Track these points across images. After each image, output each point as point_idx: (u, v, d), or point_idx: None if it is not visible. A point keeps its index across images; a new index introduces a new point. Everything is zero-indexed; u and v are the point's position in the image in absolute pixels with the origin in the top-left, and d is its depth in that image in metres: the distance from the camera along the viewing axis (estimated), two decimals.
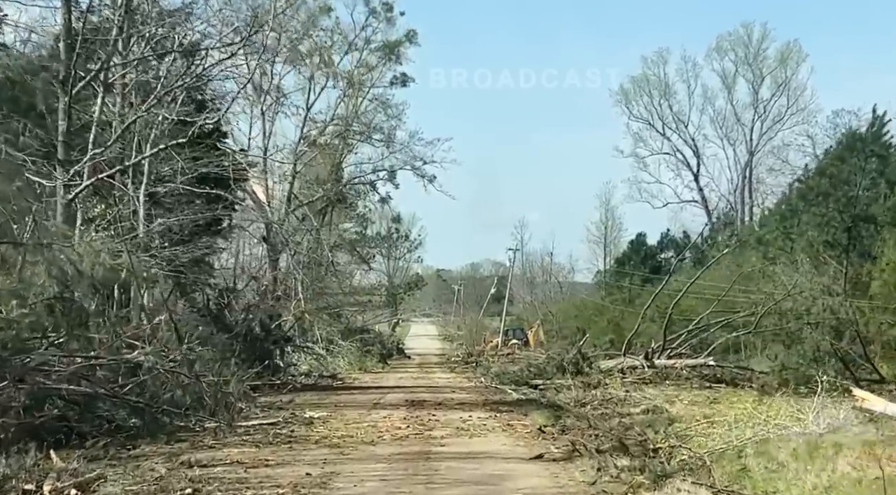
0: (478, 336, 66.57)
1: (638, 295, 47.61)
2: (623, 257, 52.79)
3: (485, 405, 18.60)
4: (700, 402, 22.37)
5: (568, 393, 25.57)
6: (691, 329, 29.70)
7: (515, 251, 66.77)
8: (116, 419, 12.97)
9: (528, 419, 15.95)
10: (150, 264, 19.26)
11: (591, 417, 19.29)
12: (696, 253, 46.40)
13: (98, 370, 12.64)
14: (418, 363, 53.03)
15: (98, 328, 13.96)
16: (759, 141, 56.65)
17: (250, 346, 23.00)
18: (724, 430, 14.72)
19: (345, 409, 17.30)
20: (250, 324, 23.05)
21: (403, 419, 15.38)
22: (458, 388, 24.65)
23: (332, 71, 38.72)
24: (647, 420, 18.93)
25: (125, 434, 12.70)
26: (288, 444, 12.16)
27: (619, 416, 19.88)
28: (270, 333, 24.10)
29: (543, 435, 13.27)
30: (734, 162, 57.62)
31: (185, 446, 12.16)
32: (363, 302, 56.45)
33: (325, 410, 16.98)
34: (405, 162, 42.59)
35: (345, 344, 42.54)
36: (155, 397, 13.17)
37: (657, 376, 27.57)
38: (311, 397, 20.86)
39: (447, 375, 33.88)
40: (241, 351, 22.72)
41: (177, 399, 13.51)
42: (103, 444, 12.09)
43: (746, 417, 14.76)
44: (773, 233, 33.03)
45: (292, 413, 16.13)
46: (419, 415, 15.98)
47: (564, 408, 19.28)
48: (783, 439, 13.30)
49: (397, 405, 18.45)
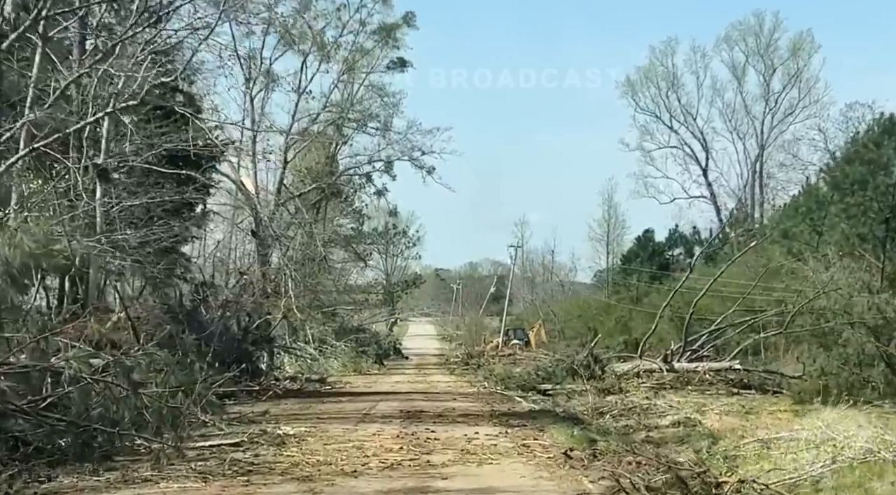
0: (477, 336, 63.68)
1: (646, 293, 44.75)
2: (630, 254, 49.88)
3: (492, 417, 15.77)
4: (733, 412, 19.57)
5: (581, 399, 22.87)
6: (713, 329, 26.86)
7: (517, 248, 63.80)
8: (33, 440, 10.19)
9: (545, 436, 13.14)
10: (106, 252, 16.41)
11: (617, 432, 16.58)
12: (708, 249, 43.55)
13: (2, 379, 9.79)
14: (416, 364, 50.37)
15: (18, 326, 11.12)
16: (769, 135, 53.97)
17: (226, 347, 20.17)
18: (784, 452, 11.96)
19: (328, 422, 14.48)
20: (226, 323, 20.22)
21: (396, 437, 12.55)
22: (459, 395, 21.83)
23: (324, 53, 35.90)
24: (678, 434, 16.14)
25: (45, 459, 9.94)
26: (245, 476, 9.32)
27: (646, 429, 17.12)
28: (249, 333, 21.26)
29: (570, 460, 10.42)
30: (744, 156, 54.85)
31: (116, 477, 9.36)
32: (359, 300, 53.60)
33: (304, 424, 14.16)
34: (403, 152, 39.74)
35: (339, 344, 39.80)
36: (82, 413, 10.34)
37: (678, 381, 24.79)
38: (291, 406, 18.03)
39: (447, 378, 31.05)
40: (216, 352, 19.89)
41: (113, 415, 10.67)
42: (9, 475, 9.33)
43: (814, 437, 11.88)
44: (798, 226, 30.23)
45: (263, 429, 13.29)
46: (415, 432, 13.15)
47: (584, 421, 16.48)
48: (869, 464, 10.55)
49: (390, 417, 15.62)
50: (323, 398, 20.33)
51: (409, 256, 69.45)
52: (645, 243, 48.34)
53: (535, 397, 23.24)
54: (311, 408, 17.42)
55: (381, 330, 66.05)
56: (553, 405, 19.94)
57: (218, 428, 13.44)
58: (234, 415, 15.28)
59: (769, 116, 54.39)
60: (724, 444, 13.53)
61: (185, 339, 17.95)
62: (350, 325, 47.83)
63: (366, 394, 21.69)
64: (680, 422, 17.26)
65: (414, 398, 20.20)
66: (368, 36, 37.48)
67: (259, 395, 19.60)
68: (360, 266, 56.00)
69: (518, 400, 20.16)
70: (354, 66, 37.98)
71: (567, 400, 23.15)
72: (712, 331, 26.84)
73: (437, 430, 13.33)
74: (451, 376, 34.08)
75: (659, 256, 47.60)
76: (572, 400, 22.98)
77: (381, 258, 71.84)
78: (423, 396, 20.80)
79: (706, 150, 55.41)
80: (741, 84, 54.97)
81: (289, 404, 18.47)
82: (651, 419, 18.47)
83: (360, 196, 46.60)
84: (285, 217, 40.41)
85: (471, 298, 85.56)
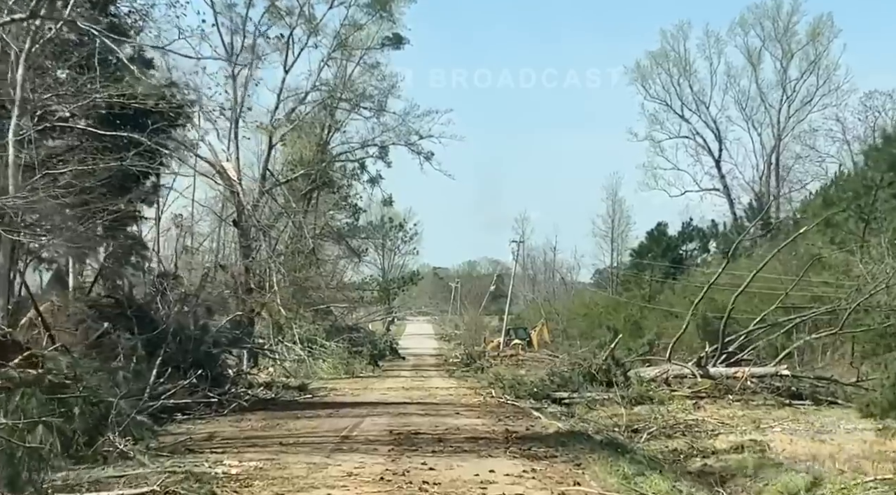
0: (477, 336, 59.80)
1: (660, 290, 40.90)
2: (641, 248, 45.94)
3: (509, 442, 11.89)
4: (801, 430, 15.75)
5: (605, 410, 19.09)
6: (751, 329, 22.99)
7: (519, 243, 59.79)
8: None
9: (586, 474, 9.34)
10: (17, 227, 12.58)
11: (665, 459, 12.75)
12: (726, 243, 39.71)
13: None
14: (413, 364, 46.72)
15: None
16: (786, 124, 50.11)
17: (181, 350, 16.32)
18: None
19: (292, 452, 10.63)
20: (181, 321, 16.37)
21: (380, 480, 8.71)
22: (462, 406, 17.97)
23: (313, 26, 32.08)
24: (744, 463, 12.33)
25: None
26: None
27: (700, 455, 13.31)
28: (208, 332, 17.39)
29: None
30: (759, 147, 50.94)
31: None
32: (353, 298, 49.72)
33: (259, 454, 10.33)
34: (399, 136, 35.83)
35: (330, 344, 35.89)
36: None
37: (716, 389, 20.99)
38: (255, 423, 14.20)
39: (447, 383, 27.19)
40: (169, 356, 16.07)
41: None
42: None
43: None
44: (842, 213, 26.42)
45: (198, 464, 9.45)
46: (407, 469, 9.31)
47: (624, 445, 12.63)
48: None
49: (376, 441, 11.77)
50: (299, 410, 16.48)
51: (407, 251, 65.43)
52: (658, 237, 44.37)
53: (552, 408, 19.48)
54: (277, 427, 13.57)
55: (377, 329, 62.36)
56: (578, 421, 16.10)
57: (139, 462, 9.61)
58: (170, 440, 11.42)
59: (786, 105, 50.56)
60: (831, 487, 9.72)
61: (123, 340, 14.10)
62: (343, 324, 43.95)
63: (351, 405, 17.84)
64: (742, 446, 13.48)
65: (408, 411, 16.36)
66: (361, 7, 33.62)
67: (219, 408, 15.79)
68: (355, 261, 52.19)
69: (535, 414, 16.31)
70: (346, 41, 34.12)
71: (588, 410, 19.41)
72: (751, 331, 22.94)
73: (437, 466, 9.50)
74: (450, 380, 30.26)
75: (672, 251, 43.70)
76: (594, 410, 19.24)
77: (377, 255, 68.09)
78: (419, 408, 16.95)
79: (719, 140, 51.54)
80: (756, 71, 51.06)
81: (253, 420, 14.64)
82: (701, 439, 14.68)
83: (353, 185, 42.74)
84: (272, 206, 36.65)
85: (470, 297, 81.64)
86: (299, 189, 40.16)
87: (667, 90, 52.03)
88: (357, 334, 44.86)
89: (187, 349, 16.31)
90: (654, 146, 52.41)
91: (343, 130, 42.04)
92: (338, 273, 50.17)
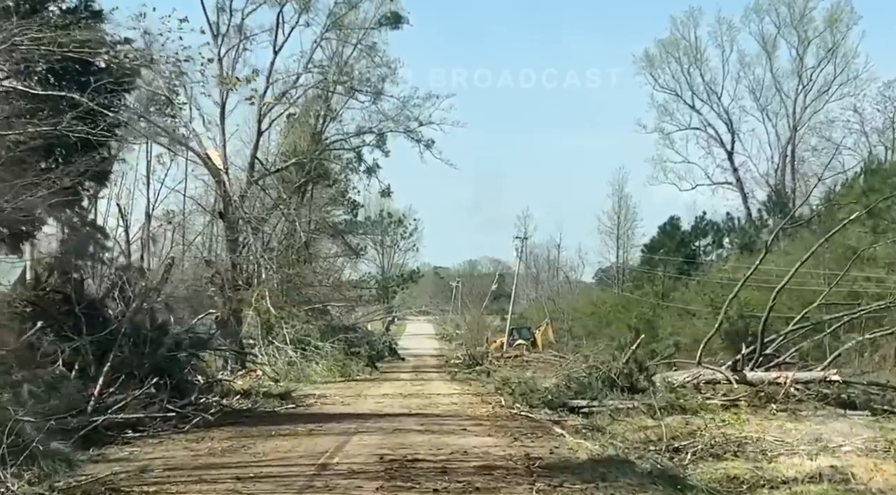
0: (479, 336, 57.06)
1: (673, 287, 38.16)
2: (654, 244, 43.09)
3: (531, 473, 9.15)
4: (879, 450, 13.05)
5: (632, 422, 16.37)
6: (793, 328, 20.20)
7: (524, 240, 56.97)
8: None
9: None
10: None
11: None
12: (744, 238, 37.00)
13: None
14: (413, 366, 44.15)
15: None
16: (802, 114, 47.34)
17: (136, 354, 13.59)
18: None
19: (246, 492, 7.91)
20: (134, 320, 13.65)
21: None
22: (469, 419, 15.22)
23: (305, 2, 29.35)
24: None
25: None
26: None
27: (769, 486, 10.60)
28: (166, 333, 14.64)
29: None
30: (774, 138, 48.12)
31: None
32: (351, 297, 46.95)
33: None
34: (397, 122, 33.01)
35: (324, 345, 33.15)
36: None
37: (756, 396, 18.23)
38: (215, 445, 11.45)
39: (449, 388, 24.46)
40: (121, 361, 13.40)
41: None
42: None
43: None
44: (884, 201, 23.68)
45: None
46: None
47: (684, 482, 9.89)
48: None
49: (361, 473, 9.01)
50: (276, 425, 13.74)
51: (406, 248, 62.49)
52: (671, 232, 41.58)
53: (571, 418, 16.80)
54: (242, 451, 10.82)
55: (376, 329, 59.69)
56: (607, 438, 13.35)
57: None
58: (98, 471, 8.69)
59: (802, 95, 47.79)
60: None
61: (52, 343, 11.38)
62: (340, 324, 41.18)
63: (339, 418, 15.09)
64: (820, 474, 10.75)
65: (405, 425, 13.62)
66: None
67: (180, 423, 13.07)
68: (353, 258, 49.40)
69: (556, 431, 13.55)
70: (340, 20, 31.37)
71: (611, 421, 16.69)
72: (790, 331, 20.16)
73: None
74: (453, 384, 27.53)
75: (685, 247, 40.90)
76: (618, 422, 16.52)
77: (376, 253, 65.29)
78: (418, 422, 14.20)
79: (732, 132, 48.74)
80: (771, 59, 48.29)
81: (216, 440, 11.89)
82: (761, 463, 11.96)
83: (350, 179, 39.97)
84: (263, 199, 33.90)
85: (471, 297, 78.88)
86: (293, 181, 37.47)
87: (677, 80, 49.34)
88: (354, 334, 42.15)
89: (143, 353, 13.56)
90: (663, 138, 49.68)
91: (339, 120, 39.42)
92: (335, 271, 47.50)
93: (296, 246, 33.40)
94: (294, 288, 37.54)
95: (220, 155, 30.11)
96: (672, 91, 49.29)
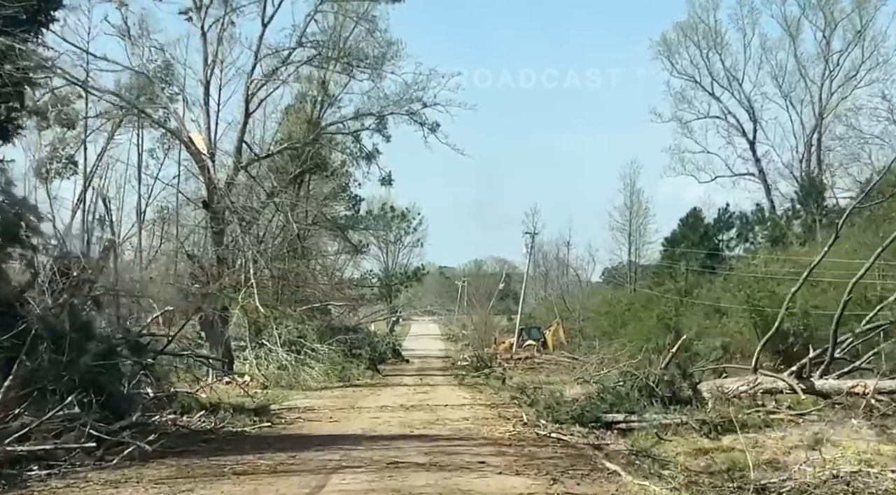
0: (487, 336, 53.67)
1: (697, 284, 34.69)
2: (675, 237, 39.55)
3: None
4: None
5: (684, 442, 13.08)
6: (868, 327, 16.72)
7: (534, 235, 53.45)
8: None
9: None
10: None
11: None
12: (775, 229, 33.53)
13: None
14: (417, 368, 40.95)
15: None
16: (828, 101, 43.92)
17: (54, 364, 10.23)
18: None
19: None
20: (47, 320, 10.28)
21: None
22: (487, 442, 11.82)
23: None
24: None
25: None
26: None
27: None
28: (91, 336, 11.24)
29: None
30: (799, 127, 44.65)
31: None
32: (352, 296, 43.59)
33: None
34: (399, 104, 29.58)
35: (322, 347, 29.86)
36: None
37: (836, 411, 14.82)
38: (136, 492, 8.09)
39: (458, 396, 21.09)
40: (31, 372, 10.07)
41: None
42: None
43: None
44: None
45: None
46: None
47: None
48: None
49: None
50: (236, 455, 10.37)
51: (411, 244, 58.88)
52: (694, 224, 38.06)
53: (612, 439, 13.49)
54: None
55: (379, 329, 56.41)
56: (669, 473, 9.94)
57: None
58: None
59: (828, 80, 44.30)
60: None
61: None
62: (340, 324, 37.86)
63: (320, 442, 11.69)
64: None
65: (405, 456, 10.22)
66: None
67: (107, 454, 9.72)
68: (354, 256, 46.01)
69: (602, 462, 10.12)
70: None
71: (656, 441, 13.41)
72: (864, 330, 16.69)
73: None
74: (462, 391, 24.19)
75: (709, 240, 37.40)
76: (665, 442, 13.22)
77: (380, 251, 61.89)
78: (421, 450, 10.80)
79: (754, 120, 45.16)
80: (795, 42, 44.79)
81: (141, 484, 8.51)
82: None
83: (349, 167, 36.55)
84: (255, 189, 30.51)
85: (477, 296, 75.44)
86: (288, 171, 34.15)
87: (695, 65, 45.80)
88: (355, 335, 38.85)
89: (63, 361, 10.20)
90: (681, 127, 46.10)
91: (337, 105, 36.09)
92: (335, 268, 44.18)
93: (288, 238, 30.05)
94: (290, 285, 34.25)
95: (205, 138, 26.75)
96: (690, 77, 45.86)
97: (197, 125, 27.78)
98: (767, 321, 26.94)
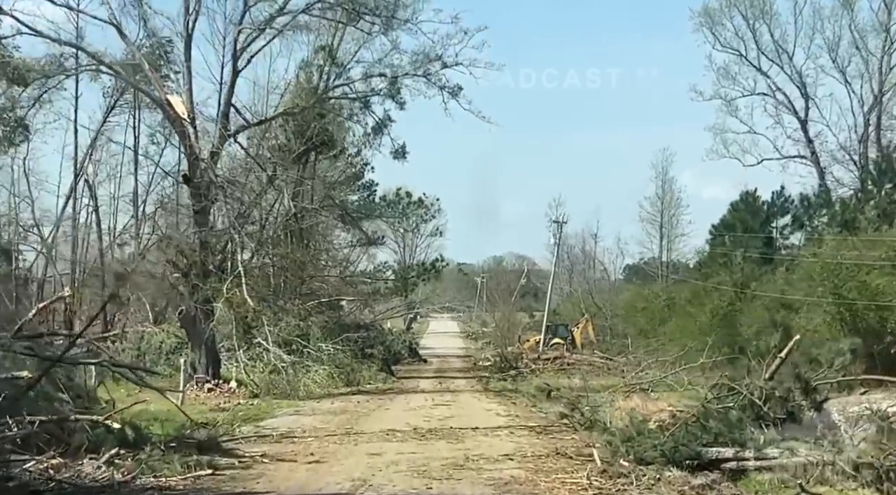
0: (510, 334, 48.68)
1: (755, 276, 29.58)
2: (724, 224, 34.17)
3: None
4: None
5: None
6: None
7: (561, 224, 48.30)
8: None
9: None
10: None
11: None
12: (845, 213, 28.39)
13: None
14: (436, 369, 36.45)
15: None
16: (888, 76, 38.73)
17: None
18: None
19: None
20: None
21: None
22: None
23: None
24: None
25: None
26: None
27: None
28: None
29: None
30: (858, 104, 39.34)
31: None
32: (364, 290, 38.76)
33: None
34: (416, 64, 24.71)
35: (325, 347, 25.15)
36: None
37: None
38: None
39: (487, 408, 16.21)
40: None
41: None
42: None
43: None
44: None
45: None
46: None
47: None
48: None
49: None
50: None
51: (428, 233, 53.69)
52: (750, 208, 32.75)
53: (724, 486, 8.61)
54: None
55: (396, 327, 51.70)
56: None
57: None
58: None
59: (888, 53, 38.97)
60: None
61: None
62: (350, 321, 33.08)
63: None
64: None
65: None
66: None
67: None
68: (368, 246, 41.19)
69: None
70: None
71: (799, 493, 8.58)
72: None
73: None
74: (490, 400, 19.36)
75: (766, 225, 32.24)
76: None
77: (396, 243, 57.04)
78: None
79: (805, 97, 39.80)
80: (853, 10, 39.47)
81: None
82: None
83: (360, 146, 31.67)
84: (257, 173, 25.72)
85: (498, 291, 70.42)
86: (291, 150, 29.33)
87: (741, 37, 40.38)
88: (367, 333, 33.99)
89: None
90: (725, 105, 40.72)
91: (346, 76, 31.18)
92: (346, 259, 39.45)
93: (287, 221, 25.32)
94: (292, 277, 29.46)
95: (185, 100, 22.01)
96: (735, 50, 40.55)
97: (177, 85, 23.17)
98: (858, 317, 22.01)
